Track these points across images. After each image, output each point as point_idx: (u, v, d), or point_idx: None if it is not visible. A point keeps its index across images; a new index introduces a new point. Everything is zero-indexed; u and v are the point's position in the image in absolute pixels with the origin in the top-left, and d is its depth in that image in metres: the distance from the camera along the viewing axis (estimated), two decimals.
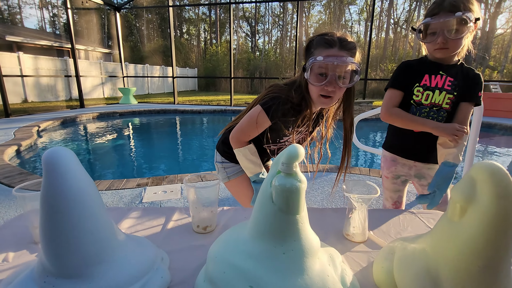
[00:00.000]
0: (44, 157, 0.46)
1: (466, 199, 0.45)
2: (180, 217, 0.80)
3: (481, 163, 0.45)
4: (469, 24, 0.93)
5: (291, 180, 0.50)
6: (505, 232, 0.42)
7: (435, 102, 1.05)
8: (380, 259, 0.57)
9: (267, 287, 0.45)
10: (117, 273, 0.48)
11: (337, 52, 0.87)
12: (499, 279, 0.43)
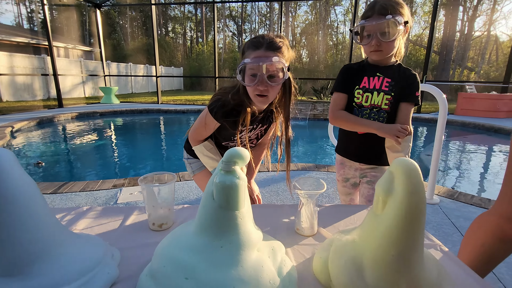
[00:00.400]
0: None
1: (386, 193, 0.49)
2: (138, 215, 0.81)
3: (398, 160, 0.49)
4: (399, 27, 0.98)
5: (230, 177, 0.53)
6: (415, 225, 0.46)
7: (374, 103, 1.09)
8: (320, 250, 0.60)
9: (202, 278, 0.47)
10: (58, 270, 0.49)
11: (263, 53, 0.93)
12: (412, 266, 0.47)
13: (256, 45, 0.94)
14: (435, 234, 1.69)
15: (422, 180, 0.47)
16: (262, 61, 0.91)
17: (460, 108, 7.43)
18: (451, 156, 4.24)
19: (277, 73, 0.94)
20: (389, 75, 1.08)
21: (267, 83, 0.93)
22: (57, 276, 0.48)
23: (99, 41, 8.98)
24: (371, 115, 1.10)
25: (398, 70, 1.10)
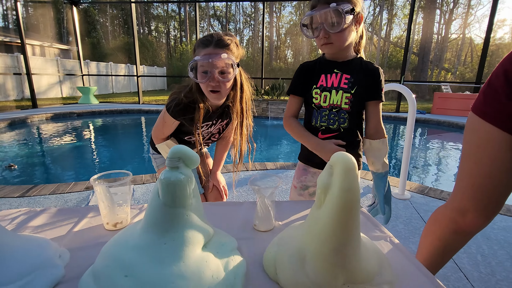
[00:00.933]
0: None
1: (325, 186, 0.50)
2: (93, 216, 0.79)
3: (338, 155, 0.51)
4: (348, 16, 0.89)
5: (175, 174, 0.53)
6: (350, 220, 0.48)
7: (333, 103, 0.99)
8: (271, 245, 0.61)
9: (141, 275, 0.47)
10: None
11: (212, 50, 0.97)
12: (348, 259, 0.49)
13: (205, 43, 0.98)
14: (405, 228, 1.75)
15: (357, 177, 0.49)
16: (212, 57, 0.94)
17: (436, 107, 7.72)
18: (426, 154, 4.40)
19: (227, 69, 0.99)
20: (348, 71, 0.99)
21: (218, 79, 0.97)
22: None
23: (76, 40, 8.70)
24: (331, 116, 1.00)
25: (360, 64, 1.00)
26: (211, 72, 0.96)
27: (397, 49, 22.73)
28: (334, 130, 1.00)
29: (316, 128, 1.02)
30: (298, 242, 0.55)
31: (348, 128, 1.00)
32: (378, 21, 23.87)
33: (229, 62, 0.98)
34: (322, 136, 1.02)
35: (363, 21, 0.97)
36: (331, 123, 1.00)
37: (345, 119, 0.99)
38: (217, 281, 0.49)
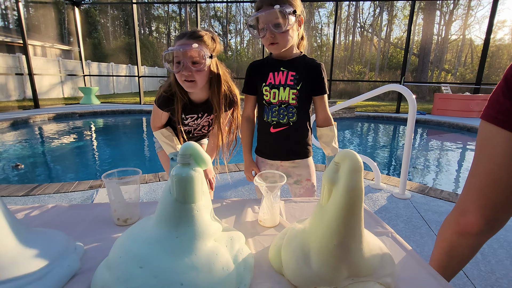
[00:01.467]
0: None
1: (331, 182, 0.52)
2: (104, 212, 0.82)
3: (345, 153, 0.52)
4: (290, 17, 0.96)
5: (186, 169, 0.55)
6: (354, 218, 0.50)
7: (282, 99, 1.07)
8: (276, 239, 0.64)
9: (155, 266, 0.49)
10: (15, 265, 0.50)
11: (185, 41, 1.02)
12: (352, 253, 0.51)
13: (180, 35, 1.06)
14: (405, 227, 1.77)
15: (362, 177, 0.51)
16: (183, 47, 0.99)
17: (436, 108, 7.74)
18: (426, 154, 4.42)
19: (199, 59, 1.03)
20: (293, 68, 1.07)
21: (191, 68, 1.01)
22: (14, 271, 0.49)
23: (77, 40, 8.73)
24: (281, 112, 1.09)
25: (304, 62, 1.09)
26: (183, 62, 1.01)
27: (397, 50, 22.76)
28: (284, 124, 1.10)
29: (268, 123, 1.12)
30: (303, 237, 0.57)
31: (297, 121, 1.10)
32: (378, 22, 23.92)
33: (200, 53, 1.02)
34: (274, 130, 1.11)
35: (303, 23, 1.06)
36: (281, 117, 1.09)
37: (293, 113, 1.09)
38: (227, 273, 0.51)
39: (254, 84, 1.13)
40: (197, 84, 1.06)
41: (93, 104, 8.67)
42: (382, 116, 7.45)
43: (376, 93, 2.31)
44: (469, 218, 0.85)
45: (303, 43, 1.13)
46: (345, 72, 21.42)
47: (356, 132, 6.29)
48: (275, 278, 0.57)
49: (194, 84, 1.06)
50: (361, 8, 24.92)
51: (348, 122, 7.11)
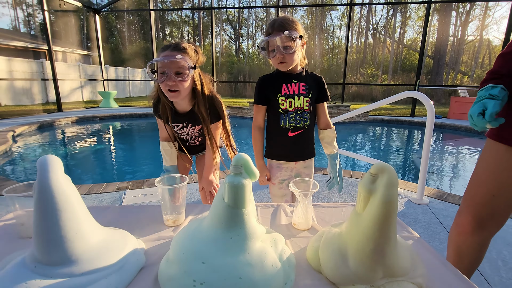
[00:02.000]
0: (38, 164, 0.57)
1: (367, 192, 0.59)
2: (153, 213, 0.91)
3: (382, 166, 0.59)
4: (297, 41, 1.14)
5: (238, 178, 0.64)
6: (388, 226, 0.56)
7: (298, 106, 1.24)
8: (313, 241, 0.71)
9: (215, 262, 0.57)
10: (98, 258, 0.59)
11: (169, 53, 1.08)
12: (386, 257, 0.58)
13: (164, 47, 1.12)
14: (424, 232, 1.80)
15: (397, 190, 0.58)
16: (167, 58, 1.05)
17: (452, 112, 7.61)
18: (443, 159, 4.37)
19: (183, 70, 1.09)
20: (302, 80, 1.25)
21: (175, 78, 1.08)
22: (98, 263, 0.58)
23: (98, 46, 9.07)
24: (297, 117, 1.25)
25: (308, 75, 1.29)
26: (167, 72, 1.07)
27: (411, 52, 22.38)
28: (300, 128, 1.27)
29: (286, 128, 1.27)
30: (340, 240, 0.64)
31: (309, 125, 1.28)
32: (391, 24, 23.62)
33: (184, 63, 1.08)
34: (292, 134, 1.27)
35: (305, 45, 1.24)
36: (298, 122, 1.26)
37: (307, 118, 1.27)
38: (276, 270, 0.59)
39: (266, 96, 1.27)
40: (180, 93, 1.13)
41: (112, 107, 8.96)
42: (397, 120, 7.38)
43: (393, 100, 2.35)
44: (462, 218, 1.00)
45: (304, 61, 1.30)
46: (357, 75, 21.22)
47: (370, 136, 6.27)
48: (314, 275, 0.64)
49: (178, 93, 1.12)
50: (374, 10, 24.68)
51: (362, 126, 7.09)
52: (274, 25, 1.16)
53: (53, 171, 0.58)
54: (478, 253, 1.03)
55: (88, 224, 0.62)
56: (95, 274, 0.57)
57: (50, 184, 0.57)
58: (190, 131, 1.33)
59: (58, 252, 0.56)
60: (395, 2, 10.57)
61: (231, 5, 29.30)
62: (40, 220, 0.56)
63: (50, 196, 0.56)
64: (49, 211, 0.56)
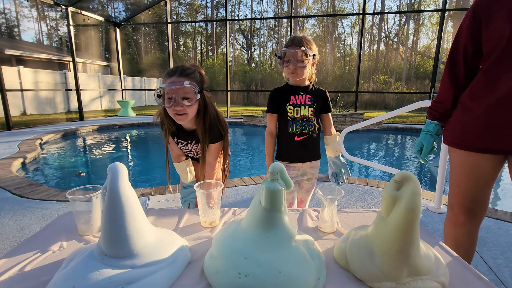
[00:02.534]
0: (110, 171, 0.67)
1: (391, 197, 0.66)
2: (189, 216, 1.00)
3: (406, 175, 0.65)
4: (309, 58, 1.34)
5: (274, 184, 0.72)
6: (412, 230, 0.62)
7: (304, 114, 1.42)
8: (339, 242, 0.78)
9: (256, 257, 0.65)
10: (155, 253, 0.68)
11: (176, 78, 1.11)
12: (410, 257, 0.63)
13: (170, 73, 1.13)
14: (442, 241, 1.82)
15: (420, 198, 0.64)
16: (175, 85, 1.08)
17: None
18: None
19: (190, 95, 1.13)
20: (308, 93, 1.44)
21: (182, 104, 1.12)
22: (154, 257, 0.67)
23: (117, 58, 9.47)
24: (303, 124, 1.43)
25: (314, 89, 1.48)
26: (175, 98, 1.10)
27: (425, 59, 22.09)
28: (305, 134, 1.44)
29: (293, 133, 1.44)
30: (366, 241, 0.71)
31: (314, 131, 1.46)
32: (404, 31, 23.46)
33: (191, 89, 1.11)
34: (298, 139, 1.44)
35: (316, 64, 1.44)
36: (303, 129, 1.44)
37: (312, 125, 1.45)
38: (310, 266, 0.66)
39: (278, 105, 1.45)
40: (187, 116, 1.16)
41: (130, 116, 9.28)
42: (411, 128, 7.31)
43: (407, 110, 2.39)
44: (455, 212, 1.15)
45: (313, 77, 1.49)
46: (370, 82, 21.08)
47: (384, 144, 6.23)
48: (342, 272, 0.71)
49: (185, 116, 1.16)
50: (386, 18, 24.61)
51: (376, 134, 7.05)
52: (294, 40, 1.34)
53: (121, 178, 0.68)
54: (471, 242, 1.18)
55: (145, 224, 0.72)
56: (152, 267, 0.66)
57: (119, 190, 0.66)
58: (194, 148, 1.38)
59: (122, 248, 0.66)
60: (408, 11, 10.56)
61: (243, 14, 29.89)
62: (109, 220, 0.66)
63: (118, 200, 0.66)
64: (117, 213, 0.66)
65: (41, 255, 0.75)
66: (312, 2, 27.81)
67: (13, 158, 3.70)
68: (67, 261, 0.71)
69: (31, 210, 2.22)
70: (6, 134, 5.58)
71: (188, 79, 1.12)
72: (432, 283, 0.64)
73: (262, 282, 0.61)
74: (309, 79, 1.48)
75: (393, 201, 0.66)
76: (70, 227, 0.89)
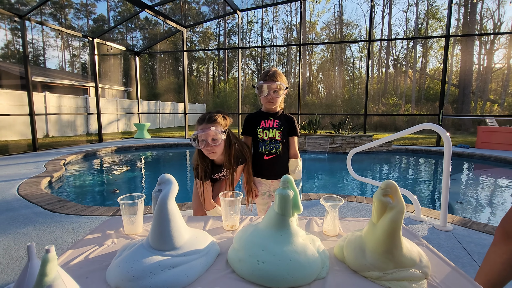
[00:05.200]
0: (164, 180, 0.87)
1: (379, 201, 0.83)
2: (213, 222, 1.18)
3: (388, 181, 0.83)
4: (283, 89, 1.61)
5: (285, 190, 0.90)
6: (395, 235, 0.78)
7: (271, 136, 1.64)
8: (339, 241, 0.93)
9: (271, 249, 0.81)
10: (193, 246, 0.86)
11: (205, 126, 1.44)
12: (394, 256, 0.78)
13: (200, 121, 1.48)
14: (447, 256, 1.88)
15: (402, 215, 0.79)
16: (204, 131, 1.42)
17: (480, 142, 7.46)
18: (471, 189, 4.33)
19: (216, 137, 1.45)
20: (277, 118, 1.67)
21: (211, 144, 1.44)
22: (192, 249, 0.85)
23: (136, 84, 10.09)
24: (271, 145, 1.65)
25: (283, 115, 1.71)
26: (205, 141, 1.42)
27: (435, 81, 22.24)
28: (273, 153, 1.65)
29: (262, 153, 1.65)
30: (360, 241, 0.86)
31: (281, 151, 1.66)
32: (412, 54, 23.87)
33: (217, 133, 1.43)
34: (266, 158, 1.65)
35: (286, 93, 1.67)
36: (271, 148, 1.65)
37: (279, 146, 1.65)
38: (315, 257, 0.82)
39: (251, 128, 1.68)
40: (217, 153, 1.48)
41: (145, 138, 9.68)
42: (421, 149, 7.35)
43: (410, 132, 2.54)
44: (496, 231, 1.17)
45: (282, 105, 1.74)
46: (379, 104, 21.24)
47: (394, 165, 6.29)
48: (341, 264, 0.86)
49: (215, 154, 1.48)
50: (394, 42, 25.20)
51: (385, 155, 7.12)
52: (268, 74, 1.61)
53: (171, 194, 0.88)
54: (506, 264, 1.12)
55: (184, 226, 0.91)
56: (191, 256, 0.83)
57: (168, 199, 0.86)
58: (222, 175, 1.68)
59: (168, 244, 0.84)
60: (413, 37, 10.91)
61: (254, 40, 31.17)
62: (159, 223, 0.85)
63: (166, 207, 0.85)
64: (165, 218, 0.85)
65: (98, 247, 0.94)
66: (320, 29, 28.91)
67: (41, 177, 3.98)
68: (120, 251, 0.89)
69: (62, 224, 2.43)
70: (33, 155, 5.97)
71: (213, 125, 1.44)
72: (416, 272, 0.79)
73: (276, 267, 0.78)
74: (279, 106, 1.72)
75: (381, 205, 0.83)
76: (116, 228, 1.09)
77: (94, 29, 30.35)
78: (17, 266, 1.77)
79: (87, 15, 31.06)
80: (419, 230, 2.31)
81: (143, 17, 29.60)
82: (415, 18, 24.03)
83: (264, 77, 1.61)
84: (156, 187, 0.90)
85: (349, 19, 31.75)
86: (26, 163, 5.04)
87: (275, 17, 29.69)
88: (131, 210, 1.04)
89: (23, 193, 3.26)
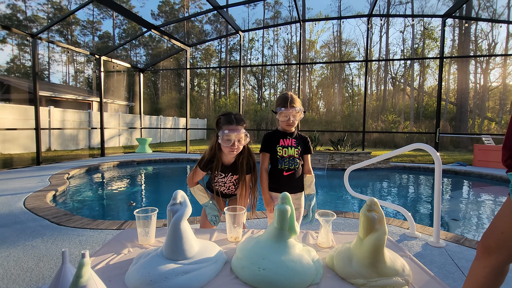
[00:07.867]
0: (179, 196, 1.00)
1: (365, 216, 0.95)
2: (217, 234, 1.29)
3: (370, 199, 0.96)
4: (300, 113, 1.75)
5: (283, 206, 1.02)
6: (379, 250, 0.90)
7: (290, 154, 1.78)
8: (330, 252, 1.05)
9: (271, 258, 0.93)
10: (203, 256, 0.97)
11: (235, 127, 1.56)
12: (378, 270, 0.89)
13: (230, 121, 1.57)
14: (438, 271, 1.98)
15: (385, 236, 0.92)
16: (237, 132, 1.55)
17: (477, 160, 7.59)
18: (468, 206, 4.41)
19: (243, 137, 1.59)
20: (294, 137, 1.83)
21: (238, 144, 1.57)
22: (203, 258, 0.96)
23: (139, 100, 10.33)
24: (290, 162, 1.78)
25: (298, 135, 1.87)
26: (234, 141, 1.54)
27: (433, 99, 22.63)
28: (292, 169, 1.78)
29: (282, 169, 1.78)
30: (348, 252, 0.98)
31: (299, 168, 1.81)
32: (410, 72, 24.41)
33: (244, 134, 1.58)
34: (286, 174, 1.78)
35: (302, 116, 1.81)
36: (290, 165, 1.78)
37: (297, 163, 1.80)
38: (310, 266, 0.93)
39: (270, 146, 1.80)
40: (235, 153, 1.60)
41: (147, 152, 9.81)
42: (419, 167, 7.46)
43: (402, 151, 2.68)
44: (477, 245, 1.25)
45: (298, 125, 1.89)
46: (378, 121, 21.52)
47: (392, 183, 6.38)
48: (331, 272, 0.97)
49: (234, 153, 1.59)
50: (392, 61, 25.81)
51: (383, 172, 7.22)
52: (287, 99, 1.73)
53: (186, 213, 1.00)
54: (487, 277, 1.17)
55: (193, 239, 1.02)
56: (202, 263, 0.95)
57: (181, 221, 0.98)
58: (228, 179, 1.73)
59: (180, 256, 0.96)
60: (408, 58, 11.28)
61: (255, 57, 31.92)
62: (173, 239, 0.96)
63: (179, 227, 0.97)
64: (178, 235, 0.97)
65: (116, 256, 1.05)
66: (320, 47, 29.71)
67: (46, 191, 4.08)
68: (136, 259, 1.00)
69: (69, 236, 2.51)
70: (37, 169, 6.07)
71: (242, 127, 1.60)
72: (398, 280, 0.90)
73: (275, 274, 0.89)
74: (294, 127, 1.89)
75: (367, 220, 0.95)
76: (131, 239, 1.20)
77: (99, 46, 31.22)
78: (28, 277, 1.86)
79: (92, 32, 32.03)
80: (413, 246, 2.40)
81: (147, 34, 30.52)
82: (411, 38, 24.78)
83: (285, 103, 1.72)
84: (170, 201, 1.02)
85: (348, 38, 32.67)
86: (31, 177, 5.15)
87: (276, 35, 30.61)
88: (146, 223, 1.16)
89: (29, 206, 3.35)
